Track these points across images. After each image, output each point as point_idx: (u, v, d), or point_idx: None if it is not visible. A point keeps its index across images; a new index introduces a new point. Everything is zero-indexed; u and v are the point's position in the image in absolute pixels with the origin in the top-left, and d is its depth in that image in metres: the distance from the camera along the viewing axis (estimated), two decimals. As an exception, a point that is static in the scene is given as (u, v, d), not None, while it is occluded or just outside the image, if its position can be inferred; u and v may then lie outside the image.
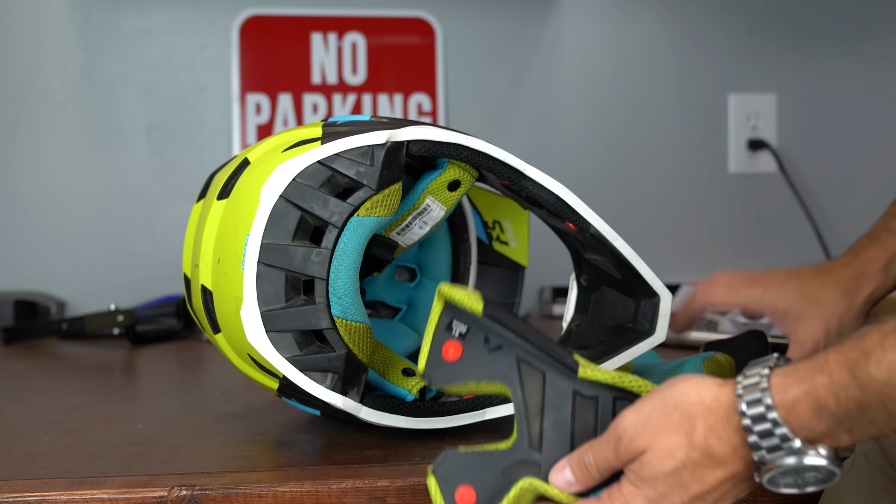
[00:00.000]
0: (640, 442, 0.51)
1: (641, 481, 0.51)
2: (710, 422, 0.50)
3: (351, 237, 0.70)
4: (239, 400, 0.92)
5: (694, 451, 0.50)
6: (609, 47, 1.64)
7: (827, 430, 0.48)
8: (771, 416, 0.48)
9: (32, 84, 1.52)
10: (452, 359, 0.56)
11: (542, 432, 0.54)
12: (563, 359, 0.55)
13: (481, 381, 0.57)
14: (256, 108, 1.56)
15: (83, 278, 1.53)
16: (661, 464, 0.50)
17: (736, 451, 0.50)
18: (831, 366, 0.48)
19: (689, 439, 0.50)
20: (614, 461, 0.53)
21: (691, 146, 1.64)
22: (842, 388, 0.47)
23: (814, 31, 1.65)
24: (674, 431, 0.50)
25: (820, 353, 0.50)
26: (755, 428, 0.49)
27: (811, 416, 0.48)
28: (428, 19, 1.60)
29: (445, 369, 0.57)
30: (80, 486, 0.63)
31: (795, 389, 0.48)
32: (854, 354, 0.48)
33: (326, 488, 0.63)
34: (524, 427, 0.55)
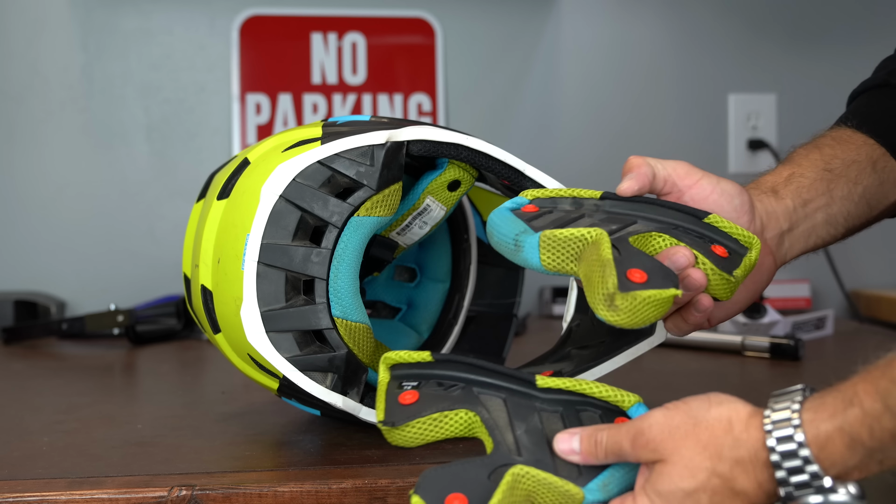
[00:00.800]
0: (663, 449, 0.50)
1: (658, 496, 0.50)
2: (737, 454, 0.49)
3: (351, 237, 0.70)
4: (239, 400, 0.92)
5: (716, 479, 0.49)
6: (609, 47, 1.64)
7: (858, 464, 0.47)
8: (803, 453, 0.47)
9: (32, 84, 1.52)
10: (410, 402, 0.58)
11: (517, 440, 0.55)
12: (520, 376, 0.55)
13: (443, 410, 0.58)
14: (256, 108, 1.56)
15: (83, 278, 1.53)
16: (681, 480, 0.49)
17: (761, 486, 0.49)
18: (861, 397, 0.47)
19: (713, 464, 0.49)
20: (627, 451, 0.52)
21: (691, 146, 1.64)
22: (875, 420, 0.46)
23: (814, 31, 1.65)
24: (700, 452, 0.49)
25: (847, 383, 0.48)
26: (785, 464, 0.47)
27: (844, 451, 0.47)
28: (428, 19, 1.60)
29: (405, 410, 0.58)
30: (80, 486, 0.63)
31: (827, 425, 0.47)
32: (884, 383, 0.46)
33: (326, 488, 0.63)
34: (499, 438, 0.55)
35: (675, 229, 0.65)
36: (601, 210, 0.67)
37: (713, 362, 1.12)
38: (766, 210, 0.70)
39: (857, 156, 0.74)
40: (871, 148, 0.74)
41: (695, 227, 0.65)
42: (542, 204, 0.67)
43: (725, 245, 0.65)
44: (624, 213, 0.66)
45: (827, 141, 0.75)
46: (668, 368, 1.07)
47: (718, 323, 0.73)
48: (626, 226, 0.65)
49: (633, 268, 0.57)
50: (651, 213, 0.66)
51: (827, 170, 0.73)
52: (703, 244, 0.64)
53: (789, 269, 1.65)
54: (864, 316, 1.56)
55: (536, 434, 0.55)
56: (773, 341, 1.13)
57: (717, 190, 0.67)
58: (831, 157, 0.73)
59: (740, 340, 1.16)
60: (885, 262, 1.67)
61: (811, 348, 1.21)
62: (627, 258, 0.59)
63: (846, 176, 0.73)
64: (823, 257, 1.56)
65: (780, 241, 0.71)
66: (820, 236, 0.73)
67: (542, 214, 0.65)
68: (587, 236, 0.59)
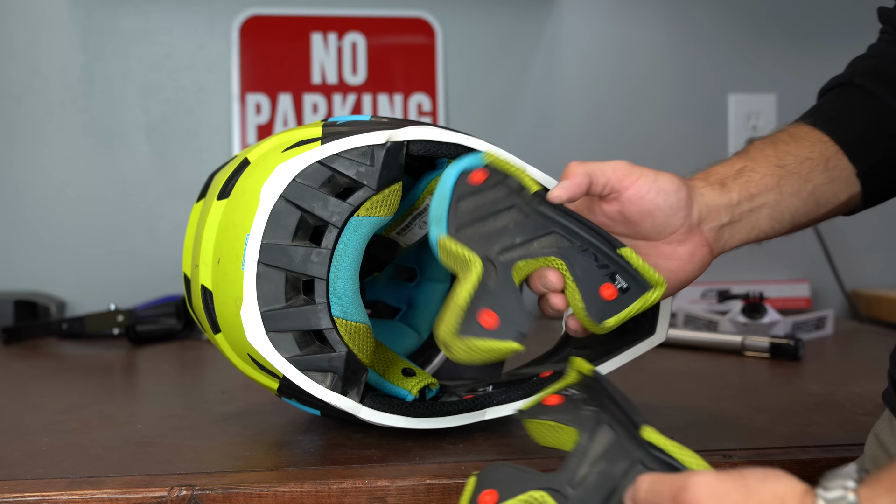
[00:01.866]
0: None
1: None
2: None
3: (351, 237, 0.70)
4: (239, 400, 0.92)
5: None
6: (609, 47, 1.64)
7: None
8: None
9: (32, 84, 1.52)
10: (551, 403, 0.60)
11: (586, 476, 0.54)
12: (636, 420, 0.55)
13: (561, 423, 0.59)
14: (256, 108, 1.56)
15: (83, 278, 1.53)
16: None
17: None
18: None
19: None
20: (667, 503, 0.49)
21: (691, 146, 1.64)
22: None
23: (814, 31, 1.65)
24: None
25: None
26: None
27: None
28: (428, 19, 1.60)
29: (542, 408, 0.61)
30: (80, 486, 0.63)
31: (885, 499, 0.44)
32: None
33: (326, 488, 0.63)
34: (573, 465, 0.55)
35: (582, 252, 0.68)
36: (529, 207, 0.69)
37: (713, 362, 1.12)
38: (708, 203, 0.71)
39: (810, 153, 0.74)
40: (824, 146, 0.75)
41: (606, 253, 0.69)
42: (493, 174, 0.70)
43: (625, 280, 0.68)
44: (545, 219, 0.69)
45: (783, 137, 0.76)
46: (668, 368, 1.07)
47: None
48: (537, 237, 0.68)
49: (490, 308, 0.63)
50: (569, 228, 0.69)
51: (779, 165, 0.74)
52: (599, 278, 0.68)
53: (789, 269, 1.66)
54: (864, 316, 1.56)
55: (607, 481, 0.54)
56: (773, 341, 1.13)
57: (653, 188, 0.68)
58: (785, 152, 0.74)
59: (740, 340, 1.16)
60: (885, 262, 1.67)
61: (811, 348, 1.21)
62: (494, 292, 0.64)
63: (798, 172, 0.73)
64: (823, 257, 1.56)
65: (719, 233, 0.72)
66: (763, 230, 0.74)
67: (480, 191, 0.69)
68: (468, 259, 0.64)
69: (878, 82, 0.76)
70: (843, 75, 0.80)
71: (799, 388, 0.96)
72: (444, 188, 0.68)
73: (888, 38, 0.80)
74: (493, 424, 0.77)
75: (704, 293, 1.51)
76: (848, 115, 0.76)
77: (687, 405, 0.57)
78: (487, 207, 0.68)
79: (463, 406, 0.74)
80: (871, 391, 0.70)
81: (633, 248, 0.70)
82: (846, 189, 0.75)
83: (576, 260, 0.68)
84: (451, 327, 0.62)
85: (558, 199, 0.68)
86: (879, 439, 0.67)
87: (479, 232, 0.67)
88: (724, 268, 1.58)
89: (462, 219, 0.67)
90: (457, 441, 0.74)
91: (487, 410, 0.75)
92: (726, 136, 1.65)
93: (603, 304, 0.68)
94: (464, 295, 0.63)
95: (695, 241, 0.71)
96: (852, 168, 0.75)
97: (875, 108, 0.76)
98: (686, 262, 0.71)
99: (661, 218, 0.69)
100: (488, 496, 0.55)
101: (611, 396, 0.57)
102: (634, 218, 0.69)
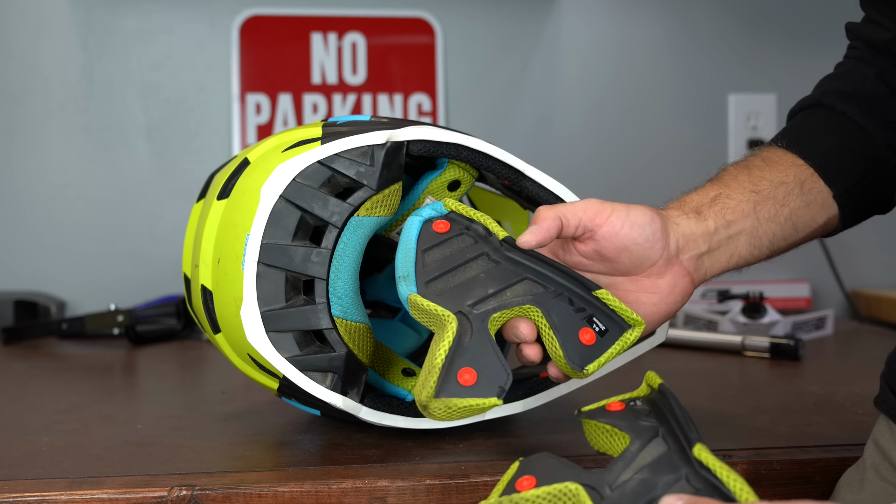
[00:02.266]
0: None
1: None
2: None
3: (351, 237, 0.70)
4: (239, 400, 0.92)
5: None
6: (609, 47, 1.64)
7: None
8: None
9: (32, 84, 1.52)
10: (613, 409, 0.60)
11: (628, 481, 0.54)
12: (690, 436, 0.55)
13: (617, 428, 0.58)
14: (256, 108, 1.56)
15: (83, 278, 1.53)
16: None
17: None
18: None
19: None
20: None
21: (691, 146, 1.64)
22: None
23: (814, 30, 1.65)
24: None
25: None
26: None
27: None
28: (428, 19, 1.60)
29: (599, 412, 0.60)
30: (80, 486, 0.63)
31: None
32: None
33: (326, 488, 0.63)
34: (619, 469, 0.55)
35: (557, 297, 0.67)
36: (499, 255, 0.68)
37: (713, 362, 1.12)
38: (685, 233, 0.70)
39: (785, 177, 0.74)
40: (799, 169, 0.74)
41: (581, 295, 0.67)
42: (456, 221, 0.70)
43: (606, 324, 0.67)
44: (516, 266, 0.68)
45: (756, 161, 0.76)
46: (668, 368, 1.07)
47: None
48: (509, 285, 0.67)
49: (468, 366, 0.62)
50: (542, 273, 0.68)
51: (754, 191, 0.73)
52: (576, 323, 0.67)
53: (789, 270, 1.66)
54: (864, 316, 1.56)
55: (647, 489, 0.54)
56: (773, 341, 1.13)
57: (626, 223, 0.67)
58: (759, 177, 0.74)
59: (740, 340, 1.16)
60: (885, 262, 1.67)
61: (811, 348, 1.21)
62: (470, 348, 0.63)
63: (773, 197, 0.73)
64: (823, 257, 1.56)
65: (699, 262, 0.71)
66: (742, 257, 0.73)
67: (445, 241, 0.68)
68: (442, 317, 0.63)
69: (849, 102, 0.76)
70: (813, 96, 0.79)
71: (799, 388, 0.96)
72: (408, 241, 0.68)
73: (856, 55, 0.79)
74: (493, 424, 0.77)
75: (704, 293, 1.51)
76: (820, 136, 0.76)
77: (687, 405, 0.57)
78: (455, 258, 0.67)
79: (463, 406, 0.74)
80: (871, 391, 0.70)
81: (613, 284, 0.70)
82: (823, 212, 0.75)
83: (551, 306, 0.67)
84: (430, 389, 0.61)
85: (527, 244, 0.67)
86: (879, 446, 0.66)
87: (449, 284, 0.66)
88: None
89: (430, 272, 0.67)
90: (457, 441, 0.74)
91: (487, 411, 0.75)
92: (726, 136, 1.65)
93: (583, 349, 0.66)
94: (441, 355, 0.62)
95: (675, 272, 0.70)
96: (828, 191, 0.74)
97: (847, 128, 0.75)
98: (668, 294, 0.70)
99: (637, 252, 0.68)
100: (526, 481, 0.54)
101: (672, 411, 0.57)
102: (611, 255, 0.68)
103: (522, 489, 0.54)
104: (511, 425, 0.78)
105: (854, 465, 0.68)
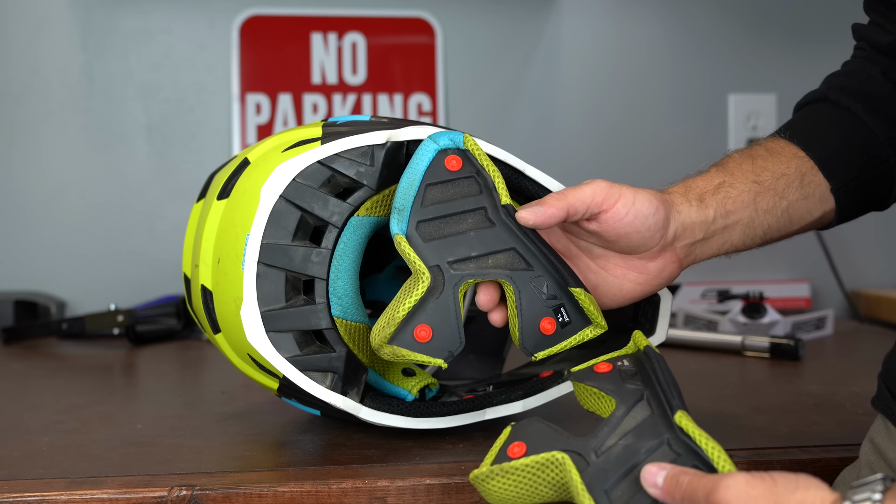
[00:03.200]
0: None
1: None
2: None
3: (351, 237, 0.70)
4: (239, 400, 0.92)
5: None
6: (609, 47, 1.64)
7: None
8: None
9: (32, 84, 1.52)
10: (598, 370, 0.61)
11: (612, 446, 0.55)
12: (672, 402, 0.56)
13: (604, 392, 0.59)
14: (256, 108, 1.56)
15: (83, 278, 1.53)
16: None
17: None
18: None
19: None
20: (700, 502, 0.49)
21: (691, 146, 1.64)
22: None
23: (814, 30, 1.65)
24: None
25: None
26: None
27: None
28: (428, 19, 1.60)
29: (587, 374, 0.61)
30: (80, 486, 0.63)
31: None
32: None
33: (326, 488, 0.63)
34: (604, 434, 0.56)
35: (533, 280, 0.68)
36: (496, 214, 0.68)
37: (713, 362, 1.12)
38: (684, 222, 0.71)
39: (786, 168, 0.74)
40: (800, 161, 0.75)
41: (558, 285, 0.69)
42: (468, 163, 0.69)
43: (568, 314, 0.69)
44: (508, 234, 0.68)
45: (760, 151, 0.76)
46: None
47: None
48: (494, 252, 0.68)
49: (426, 324, 0.65)
50: (529, 252, 0.69)
51: (756, 182, 0.73)
52: (542, 310, 0.68)
53: (789, 269, 1.66)
54: (864, 316, 1.56)
55: (631, 455, 0.54)
56: (773, 341, 1.13)
57: (631, 212, 0.68)
58: (762, 168, 0.74)
59: (740, 340, 1.16)
60: (885, 262, 1.67)
61: (811, 348, 1.21)
62: (434, 307, 0.65)
63: (774, 189, 0.73)
64: (823, 257, 1.56)
65: (691, 248, 0.72)
66: (734, 245, 0.74)
67: (452, 181, 0.68)
68: (419, 270, 0.65)
69: (854, 98, 0.76)
70: (819, 91, 0.80)
71: (799, 388, 0.96)
72: (416, 170, 0.68)
73: (862, 55, 0.80)
74: (493, 424, 0.77)
75: (704, 293, 1.51)
76: (823, 130, 0.76)
77: (687, 405, 0.57)
78: (454, 205, 0.68)
79: (463, 406, 0.74)
80: (871, 391, 0.70)
81: (604, 256, 0.71)
82: (820, 205, 0.75)
83: (525, 287, 0.68)
84: (384, 337, 0.64)
85: (524, 222, 0.67)
86: (875, 444, 0.66)
87: (439, 231, 0.67)
88: (724, 268, 1.59)
89: (426, 213, 0.67)
90: (457, 441, 0.74)
91: (487, 410, 0.75)
92: (726, 136, 1.65)
93: (539, 337, 0.68)
94: (405, 309, 0.64)
95: (666, 257, 0.71)
96: (827, 184, 0.75)
97: (850, 124, 0.76)
98: (654, 276, 0.71)
99: (637, 240, 0.69)
100: (517, 448, 0.56)
101: (657, 375, 0.58)
102: (611, 238, 0.69)
103: (514, 456, 0.56)
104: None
105: (851, 464, 0.68)
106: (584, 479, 0.53)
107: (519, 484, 0.55)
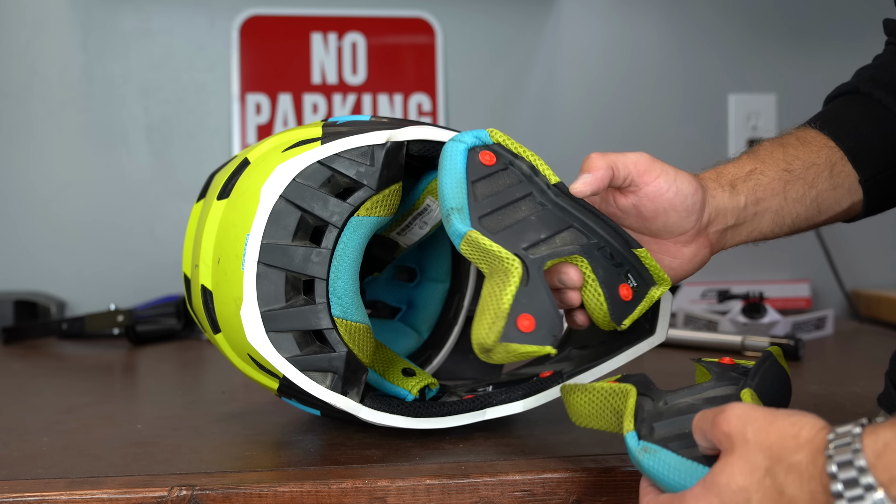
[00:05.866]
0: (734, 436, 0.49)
1: (712, 485, 0.49)
2: (795, 459, 0.47)
3: (351, 237, 0.70)
4: (239, 400, 0.92)
5: (769, 480, 0.48)
6: (609, 47, 1.64)
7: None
8: (859, 463, 0.45)
9: (32, 84, 1.52)
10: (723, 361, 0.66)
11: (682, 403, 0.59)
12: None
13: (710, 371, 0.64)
14: (256, 108, 1.56)
15: (83, 278, 1.53)
16: (739, 475, 0.49)
17: (814, 497, 0.47)
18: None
19: (771, 465, 0.48)
20: (708, 429, 0.51)
21: (691, 146, 1.64)
22: None
23: (814, 31, 1.65)
24: (763, 450, 0.48)
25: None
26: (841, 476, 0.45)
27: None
28: (428, 19, 1.60)
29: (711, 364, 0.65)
30: (80, 486, 0.63)
31: (887, 433, 0.45)
32: None
33: (326, 488, 0.63)
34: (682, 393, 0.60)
35: (600, 249, 0.68)
36: (546, 198, 0.68)
37: (713, 362, 1.11)
38: (718, 207, 0.71)
39: (817, 158, 0.75)
40: (830, 151, 0.75)
41: (621, 252, 0.69)
42: (501, 156, 0.68)
43: (637, 280, 0.70)
44: (563, 212, 0.68)
45: (791, 140, 0.77)
46: (668, 368, 1.07)
47: None
48: (558, 232, 0.67)
49: (527, 312, 0.61)
50: (588, 224, 0.68)
51: (787, 170, 0.74)
52: (617, 278, 0.68)
53: (789, 269, 1.66)
54: (864, 316, 1.56)
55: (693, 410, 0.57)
56: (774, 341, 1.13)
57: (672, 188, 0.68)
58: (794, 157, 0.75)
59: (740, 340, 1.16)
60: (885, 262, 1.67)
61: (811, 348, 1.21)
62: (529, 294, 0.62)
63: (804, 178, 0.74)
64: (823, 257, 1.56)
65: (723, 234, 0.73)
66: (763, 233, 0.75)
67: (492, 174, 0.67)
68: (506, 259, 0.62)
69: (885, 91, 0.77)
70: (850, 83, 0.80)
71: (799, 388, 0.96)
72: (456, 170, 0.65)
73: (893, 49, 0.80)
74: (493, 424, 0.77)
75: (704, 293, 1.51)
76: (854, 122, 0.77)
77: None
78: (505, 195, 0.66)
79: (463, 406, 0.74)
80: (871, 391, 0.70)
81: (639, 242, 0.71)
82: (848, 196, 0.76)
83: (595, 258, 0.67)
84: (497, 333, 0.59)
85: (581, 193, 0.67)
86: None
87: (501, 223, 0.65)
88: (724, 268, 1.59)
89: (483, 207, 0.65)
90: (457, 441, 0.74)
91: (487, 410, 0.75)
92: (726, 136, 1.65)
93: (621, 304, 0.68)
94: (508, 299, 0.60)
95: (700, 242, 0.71)
96: (855, 175, 0.75)
97: (881, 116, 0.76)
98: (688, 261, 0.72)
99: (674, 218, 0.69)
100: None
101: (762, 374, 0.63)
102: (648, 214, 0.69)
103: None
104: (511, 425, 0.78)
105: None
106: (639, 414, 0.57)
107: (592, 402, 0.61)
